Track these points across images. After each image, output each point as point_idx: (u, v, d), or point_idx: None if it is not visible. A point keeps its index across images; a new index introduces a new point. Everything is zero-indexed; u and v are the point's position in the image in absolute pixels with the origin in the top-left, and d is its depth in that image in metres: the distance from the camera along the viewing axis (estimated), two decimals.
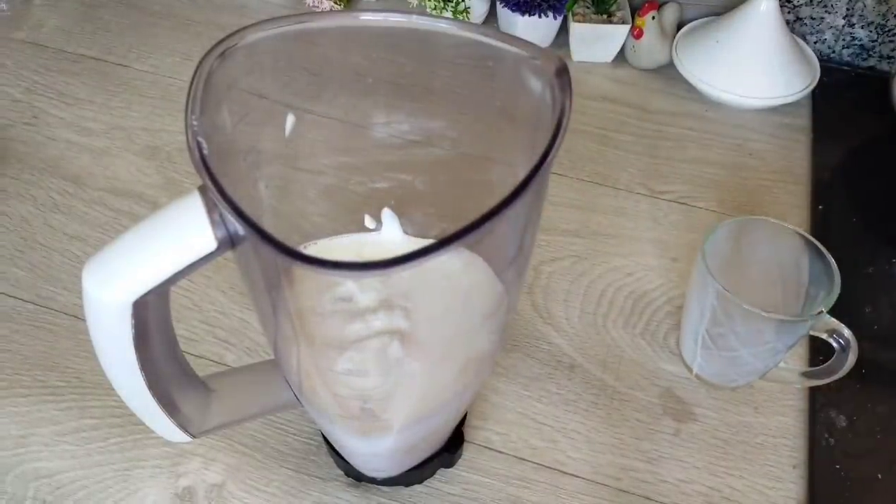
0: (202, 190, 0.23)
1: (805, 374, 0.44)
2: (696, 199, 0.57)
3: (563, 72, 0.24)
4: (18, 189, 0.56)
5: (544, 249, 0.53)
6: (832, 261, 0.40)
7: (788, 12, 0.69)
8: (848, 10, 0.67)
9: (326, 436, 0.39)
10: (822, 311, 0.39)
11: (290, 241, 0.20)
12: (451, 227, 0.20)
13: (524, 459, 0.43)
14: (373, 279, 0.30)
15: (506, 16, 0.68)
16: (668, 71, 0.68)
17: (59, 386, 0.45)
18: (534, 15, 0.66)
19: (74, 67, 0.67)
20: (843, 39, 0.69)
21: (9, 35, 0.70)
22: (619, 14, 0.68)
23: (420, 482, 0.41)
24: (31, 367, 0.46)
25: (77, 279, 0.51)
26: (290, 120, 0.30)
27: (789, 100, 0.64)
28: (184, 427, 0.32)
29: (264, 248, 0.20)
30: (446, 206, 0.32)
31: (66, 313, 0.49)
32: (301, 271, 0.27)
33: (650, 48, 0.67)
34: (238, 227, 0.22)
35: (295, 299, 0.28)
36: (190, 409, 0.33)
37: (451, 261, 0.28)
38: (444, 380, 0.31)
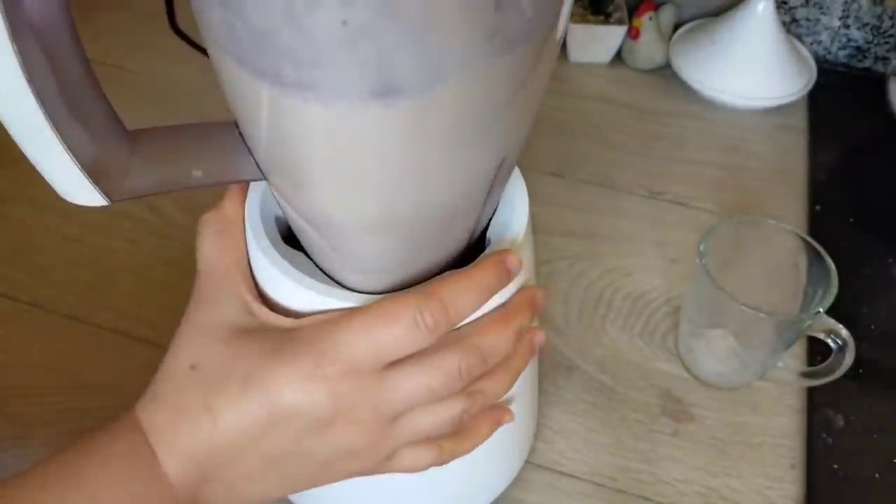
0: None
1: (803, 374, 0.44)
2: (694, 200, 0.57)
3: None
4: (16, 191, 0.56)
5: (542, 250, 0.53)
6: (829, 261, 0.40)
7: (784, 13, 0.69)
8: (843, 11, 0.67)
9: (297, 229, 0.29)
10: (819, 312, 0.39)
11: None
12: None
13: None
14: None
15: None
16: (665, 72, 0.68)
17: (55, 386, 0.45)
18: None
19: None
20: (839, 41, 0.70)
21: None
22: (616, 15, 0.68)
23: None
24: (28, 368, 0.46)
25: (72, 280, 0.52)
26: None
27: (786, 101, 0.64)
28: (95, 179, 0.25)
29: None
30: None
31: (63, 314, 0.48)
32: None
33: (647, 49, 0.67)
34: None
35: None
36: (104, 153, 0.25)
37: None
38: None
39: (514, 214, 0.32)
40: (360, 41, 0.19)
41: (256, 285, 0.30)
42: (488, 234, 0.31)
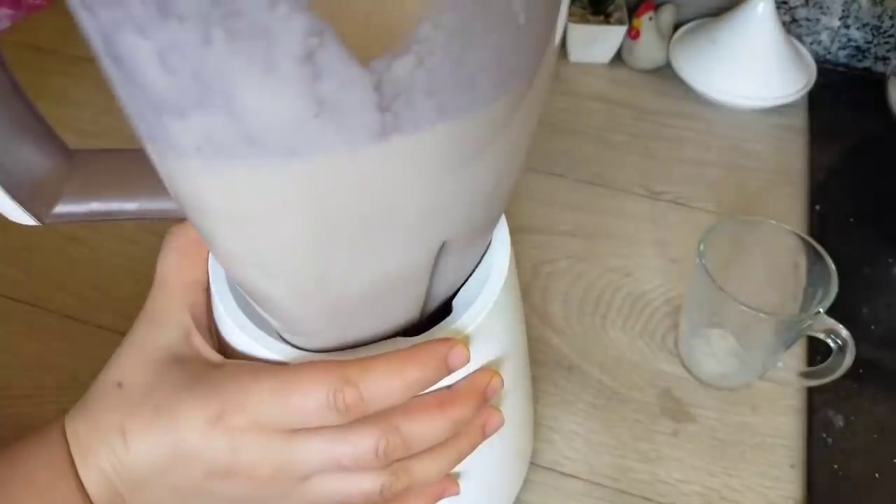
0: None
1: (803, 375, 0.44)
2: (694, 200, 0.57)
3: None
4: None
5: (542, 250, 0.53)
6: (830, 261, 0.40)
7: (784, 13, 0.69)
8: (843, 11, 0.67)
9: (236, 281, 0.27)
10: (819, 312, 0.39)
11: None
12: None
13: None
14: None
15: None
16: (664, 72, 0.68)
17: (54, 386, 0.45)
18: None
19: (73, 69, 0.67)
20: (839, 41, 0.70)
21: (6, 37, 0.70)
22: (615, 15, 0.68)
23: None
24: (28, 368, 0.46)
25: (72, 280, 0.51)
26: None
27: (786, 101, 0.64)
28: (21, 200, 0.24)
29: None
30: None
31: (61, 313, 0.48)
32: None
33: (647, 49, 0.67)
34: None
35: None
36: (34, 176, 0.24)
37: None
38: None
39: (484, 288, 0.27)
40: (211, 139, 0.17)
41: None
42: (455, 301, 0.28)
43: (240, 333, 0.27)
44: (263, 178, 0.18)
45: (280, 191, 0.19)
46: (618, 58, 0.69)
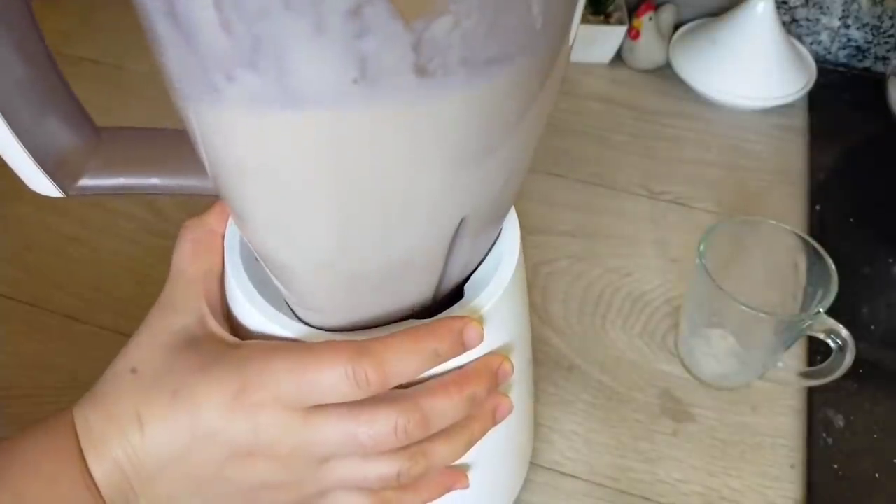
0: None
1: (803, 375, 0.44)
2: (694, 200, 0.57)
3: None
4: (16, 190, 0.56)
5: (542, 250, 0.53)
6: (829, 261, 0.40)
7: (784, 13, 0.69)
8: (843, 11, 0.67)
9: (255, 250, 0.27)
10: (819, 312, 0.39)
11: None
12: None
13: None
14: None
15: None
16: (665, 72, 0.68)
17: (54, 386, 0.45)
18: None
19: (72, 70, 0.67)
20: (839, 41, 0.70)
21: None
22: (615, 15, 0.68)
23: None
24: (27, 368, 0.46)
25: (72, 280, 0.52)
26: None
27: (786, 101, 0.64)
28: (48, 170, 0.26)
29: None
30: None
31: (60, 313, 0.48)
32: None
33: (647, 49, 0.67)
34: None
35: None
36: (63, 147, 0.26)
37: None
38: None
39: (497, 272, 0.28)
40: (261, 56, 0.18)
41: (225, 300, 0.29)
42: (466, 286, 0.29)
43: (251, 308, 0.27)
44: (299, 136, 0.19)
45: (313, 150, 0.19)
46: (618, 58, 0.69)
